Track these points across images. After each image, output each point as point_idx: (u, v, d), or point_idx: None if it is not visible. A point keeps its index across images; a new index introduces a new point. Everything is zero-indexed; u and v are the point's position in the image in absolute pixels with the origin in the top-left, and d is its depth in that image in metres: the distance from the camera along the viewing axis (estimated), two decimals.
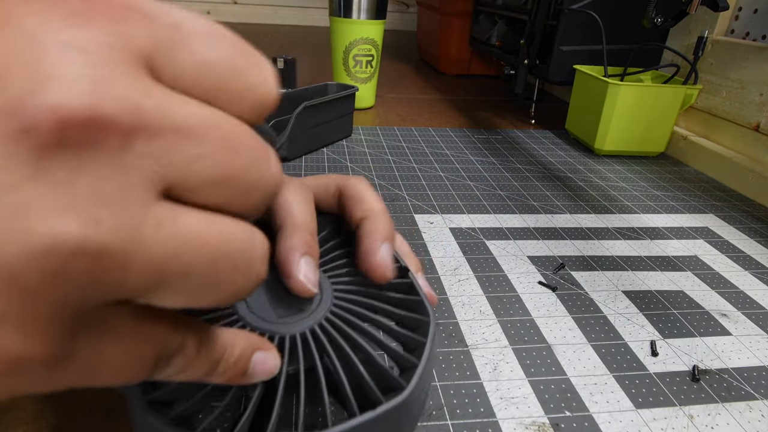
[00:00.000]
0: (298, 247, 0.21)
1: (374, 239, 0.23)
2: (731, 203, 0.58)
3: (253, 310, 0.22)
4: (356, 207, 0.24)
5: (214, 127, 0.12)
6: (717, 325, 0.36)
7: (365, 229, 0.23)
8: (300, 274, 0.21)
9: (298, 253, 0.21)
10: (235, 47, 0.12)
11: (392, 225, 0.25)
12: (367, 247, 0.23)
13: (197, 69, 0.12)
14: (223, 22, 0.12)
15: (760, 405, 0.30)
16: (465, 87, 1.09)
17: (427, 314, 0.23)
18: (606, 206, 0.55)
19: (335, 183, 0.26)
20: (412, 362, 0.21)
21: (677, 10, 0.58)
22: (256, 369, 0.17)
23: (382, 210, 0.24)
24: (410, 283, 0.25)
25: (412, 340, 0.23)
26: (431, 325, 0.23)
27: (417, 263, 0.27)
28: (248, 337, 0.18)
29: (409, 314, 0.24)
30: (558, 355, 0.32)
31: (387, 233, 0.23)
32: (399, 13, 1.94)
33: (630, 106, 0.66)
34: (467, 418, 0.27)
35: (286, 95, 0.67)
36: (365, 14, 0.76)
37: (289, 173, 0.57)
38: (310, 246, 0.22)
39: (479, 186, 0.57)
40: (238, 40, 0.13)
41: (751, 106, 0.65)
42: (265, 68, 0.13)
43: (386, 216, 0.24)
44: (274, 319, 0.21)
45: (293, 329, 0.21)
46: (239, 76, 0.12)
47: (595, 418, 0.28)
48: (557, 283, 0.40)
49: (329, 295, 0.23)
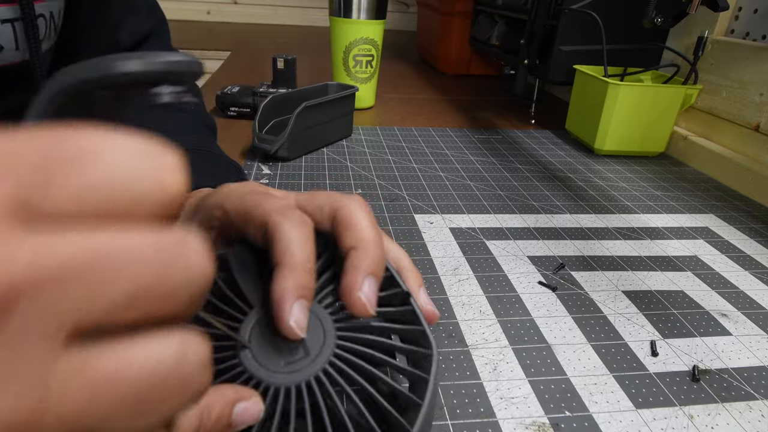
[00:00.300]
0: (291, 291, 0.21)
1: (357, 273, 0.23)
2: (731, 203, 0.58)
3: (256, 356, 0.22)
4: (346, 235, 0.24)
5: (106, 254, 0.11)
6: (717, 325, 0.36)
7: (351, 261, 0.23)
8: (291, 319, 0.21)
9: (292, 298, 0.21)
10: (114, 161, 0.11)
11: (382, 254, 0.24)
12: (349, 282, 0.22)
13: (75, 201, 0.11)
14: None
15: (760, 405, 0.30)
16: (465, 87, 1.09)
17: (430, 346, 0.23)
18: (606, 206, 0.55)
19: (329, 205, 0.25)
20: (415, 401, 0.22)
21: (677, 10, 0.58)
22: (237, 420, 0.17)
23: (372, 238, 0.24)
24: (411, 310, 0.25)
25: (415, 376, 0.23)
26: (434, 359, 0.23)
27: (418, 277, 0.27)
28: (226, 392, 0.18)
29: (412, 347, 0.24)
30: (558, 355, 0.32)
31: (373, 266, 0.23)
32: (399, 13, 1.94)
33: (630, 106, 0.66)
34: (467, 418, 0.27)
35: (286, 95, 0.67)
36: (365, 14, 0.76)
37: (289, 173, 0.57)
38: (304, 287, 0.21)
39: (479, 186, 0.57)
40: (119, 146, 0.12)
41: (751, 106, 0.65)
42: (158, 167, 0.12)
43: (375, 245, 0.24)
44: (278, 366, 0.21)
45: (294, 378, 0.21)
46: (125, 191, 0.11)
47: (595, 418, 0.28)
48: (557, 283, 0.40)
49: (332, 334, 0.23)
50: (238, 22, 1.82)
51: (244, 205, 0.24)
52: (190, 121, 0.49)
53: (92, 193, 0.11)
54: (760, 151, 0.63)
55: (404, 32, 1.89)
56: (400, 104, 0.91)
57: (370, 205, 0.51)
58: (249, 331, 0.22)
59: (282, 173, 0.57)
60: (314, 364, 0.22)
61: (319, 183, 0.55)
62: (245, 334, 0.22)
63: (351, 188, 0.54)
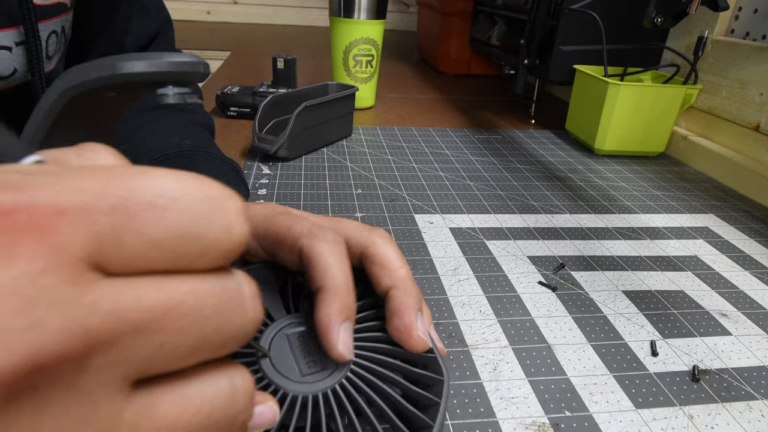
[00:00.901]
0: (336, 315, 0.22)
1: (410, 314, 0.23)
2: (731, 203, 0.58)
3: (276, 365, 0.22)
4: (383, 274, 0.25)
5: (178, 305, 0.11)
6: (717, 325, 0.36)
7: (397, 302, 0.24)
8: (340, 344, 0.21)
9: (339, 321, 0.22)
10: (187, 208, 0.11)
11: (419, 291, 0.25)
12: (406, 323, 0.23)
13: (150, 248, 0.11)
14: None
15: (760, 405, 0.30)
16: (465, 87, 1.09)
17: (442, 373, 0.24)
18: (606, 206, 0.55)
19: (357, 239, 0.26)
20: (426, 423, 0.22)
21: (677, 10, 0.58)
22: (254, 422, 0.18)
23: (408, 276, 0.25)
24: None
25: (427, 399, 0.23)
26: (445, 384, 0.23)
27: (428, 314, 0.28)
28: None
29: (424, 372, 0.24)
30: (558, 355, 0.32)
31: (417, 304, 0.24)
32: (399, 13, 1.94)
33: (630, 106, 0.66)
34: (467, 418, 0.27)
35: (286, 95, 0.67)
36: (365, 14, 0.76)
37: (289, 173, 0.57)
38: (348, 309, 0.22)
39: (479, 186, 0.57)
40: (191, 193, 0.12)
41: (751, 106, 0.65)
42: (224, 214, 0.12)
43: (412, 283, 0.25)
44: (297, 376, 0.22)
45: (312, 389, 0.22)
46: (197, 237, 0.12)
47: (595, 418, 0.28)
48: (557, 283, 0.40)
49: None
50: (238, 22, 1.82)
51: (273, 228, 0.25)
52: (187, 120, 0.49)
53: (167, 241, 0.11)
54: (760, 151, 0.63)
55: (404, 32, 1.89)
56: (400, 104, 0.91)
57: (370, 205, 0.51)
58: (269, 342, 0.23)
59: (282, 173, 0.57)
60: (330, 378, 0.22)
61: (319, 183, 0.55)
62: (266, 344, 0.23)
63: (351, 188, 0.54)
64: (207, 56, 1.30)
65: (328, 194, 0.53)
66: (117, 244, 0.11)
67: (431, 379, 0.24)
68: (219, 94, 0.75)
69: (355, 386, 0.22)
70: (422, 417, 0.22)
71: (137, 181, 0.11)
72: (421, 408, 0.23)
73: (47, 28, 0.40)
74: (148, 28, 0.52)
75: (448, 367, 0.28)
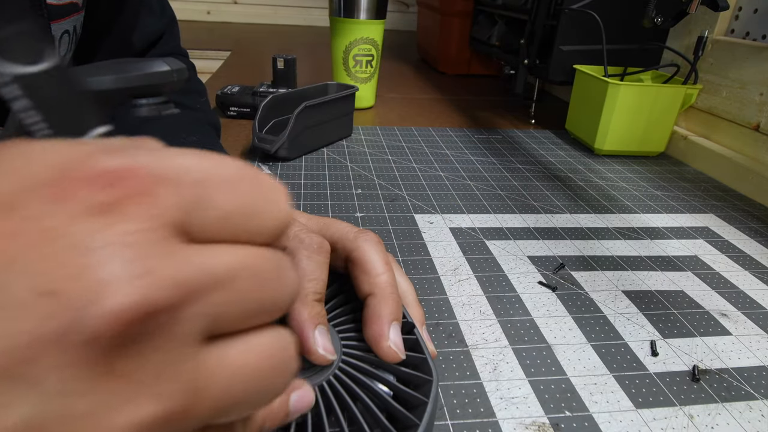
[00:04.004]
0: (310, 321, 0.22)
1: (381, 323, 0.24)
2: (731, 203, 0.58)
3: None
4: (363, 279, 0.25)
5: (242, 268, 0.13)
6: (717, 325, 0.36)
7: (372, 309, 0.24)
8: (319, 348, 0.22)
9: (312, 325, 0.22)
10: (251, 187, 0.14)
11: (399, 299, 0.25)
12: (376, 332, 0.24)
13: (222, 220, 0.13)
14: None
15: (760, 405, 0.30)
16: (465, 87, 1.09)
17: (431, 373, 0.24)
18: (606, 206, 0.55)
19: (343, 243, 0.26)
20: (413, 421, 0.22)
21: (677, 10, 0.58)
22: (293, 408, 0.19)
23: (389, 283, 0.25)
24: (415, 339, 0.25)
25: (415, 399, 0.23)
26: (434, 384, 0.23)
27: (421, 314, 0.28)
28: None
29: (413, 372, 0.24)
30: (558, 355, 0.32)
31: (395, 313, 0.24)
32: (399, 13, 1.94)
33: (630, 106, 0.66)
34: (467, 418, 0.27)
35: (286, 95, 0.67)
36: (365, 14, 0.76)
37: (289, 173, 0.57)
38: (319, 315, 0.23)
39: (479, 186, 0.57)
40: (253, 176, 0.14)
41: (751, 106, 0.65)
42: (278, 196, 0.14)
43: (392, 289, 0.25)
44: None
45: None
46: (258, 214, 0.14)
47: (595, 418, 0.28)
48: (557, 283, 0.40)
49: (338, 349, 0.24)
50: (238, 22, 1.82)
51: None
52: (194, 119, 0.49)
53: (233, 219, 0.13)
54: (760, 151, 0.63)
55: (404, 32, 1.89)
56: (400, 104, 0.91)
57: (370, 205, 0.51)
58: None
59: (282, 173, 0.57)
60: (318, 375, 0.22)
61: (319, 183, 0.55)
62: None
63: (351, 188, 0.54)
64: (207, 56, 1.30)
65: (328, 194, 0.53)
66: (198, 214, 0.12)
67: (420, 379, 0.24)
68: (219, 94, 0.75)
69: (342, 383, 0.23)
70: (409, 416, 0.22)
71: (212, 162, 0.13)
72: (409, 407, 0.23)
73: (60, 27, 0.40)
74: (154, 27, 0.53)
75: (437, 367, 0.29)
